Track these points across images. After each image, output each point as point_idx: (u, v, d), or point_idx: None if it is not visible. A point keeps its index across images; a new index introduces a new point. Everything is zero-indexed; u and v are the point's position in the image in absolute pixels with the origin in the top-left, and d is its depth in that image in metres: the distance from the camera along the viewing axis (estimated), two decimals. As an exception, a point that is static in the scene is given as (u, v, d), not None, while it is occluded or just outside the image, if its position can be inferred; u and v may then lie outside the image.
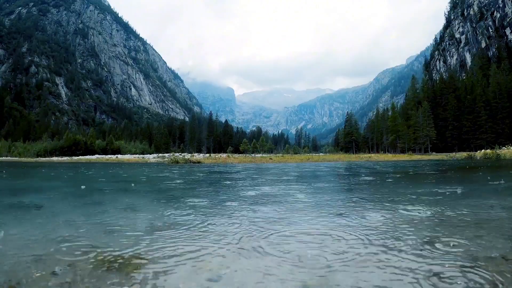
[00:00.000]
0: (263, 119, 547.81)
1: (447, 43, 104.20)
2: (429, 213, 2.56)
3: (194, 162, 20.32)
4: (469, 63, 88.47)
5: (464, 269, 1.28)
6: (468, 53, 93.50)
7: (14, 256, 1.55)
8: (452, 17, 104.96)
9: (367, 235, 1.89)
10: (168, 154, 42.59)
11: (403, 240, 1.77)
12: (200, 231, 2.07)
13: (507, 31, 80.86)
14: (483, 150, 25.95)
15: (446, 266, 1.31)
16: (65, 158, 40.54)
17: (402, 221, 2.26)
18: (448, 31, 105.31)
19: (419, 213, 2.57)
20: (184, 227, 2.19)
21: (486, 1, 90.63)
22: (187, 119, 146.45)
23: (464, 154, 28.59)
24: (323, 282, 1.19)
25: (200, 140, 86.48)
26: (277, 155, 47.76)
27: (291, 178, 7.27)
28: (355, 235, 1.89)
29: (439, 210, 2.67)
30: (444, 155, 33.14)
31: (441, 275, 1.21)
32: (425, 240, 1.75)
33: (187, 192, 4.73)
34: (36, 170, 13.53)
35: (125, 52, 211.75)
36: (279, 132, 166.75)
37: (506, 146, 28.03)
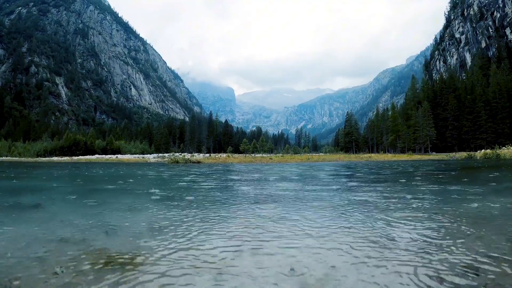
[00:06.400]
0: (263, 119, 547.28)
1: (447, 43, 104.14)
2: None
3: (194, 162, 20.33)
4: (469, 63, 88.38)
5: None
6: (468, 53, 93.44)
7: (15, 256, 1.56)
8: (452, 17, 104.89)
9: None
10: (168, 154, 42.59)
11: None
12: (200, 230, 2.08)
13: (507, 31, 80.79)
14: (483, 150, 25.99)
15: None
16: (65, 158, 40.54)
17: None
18: (448, 31, 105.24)
19: None
20: (184, 227, 2.20)
21: (486, 1, 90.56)
22: (187, 119, 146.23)
23: (464, 154, 28.61)
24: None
25: (200, 140, 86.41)
26: (277, 155, 47.77)
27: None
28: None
29: None
30: (444, 155, 33.17)
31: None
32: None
33: (187, 192, 4.73)
34: (36, 170, 13.52)
35: (125, 52, 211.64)
36: (279, 132, 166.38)
37: (506, 146, 28.00)
